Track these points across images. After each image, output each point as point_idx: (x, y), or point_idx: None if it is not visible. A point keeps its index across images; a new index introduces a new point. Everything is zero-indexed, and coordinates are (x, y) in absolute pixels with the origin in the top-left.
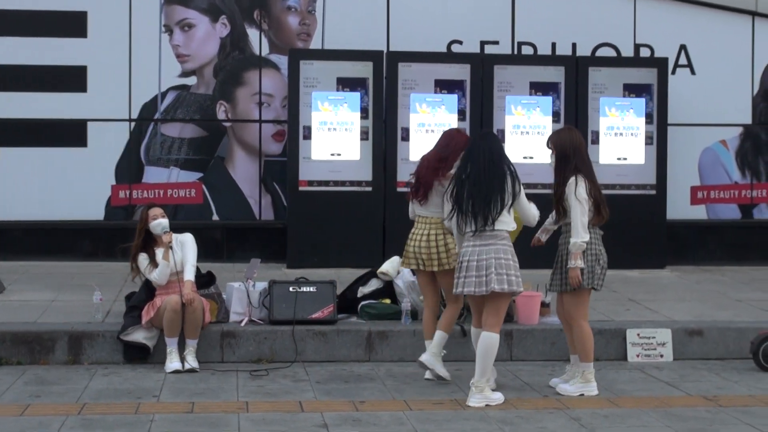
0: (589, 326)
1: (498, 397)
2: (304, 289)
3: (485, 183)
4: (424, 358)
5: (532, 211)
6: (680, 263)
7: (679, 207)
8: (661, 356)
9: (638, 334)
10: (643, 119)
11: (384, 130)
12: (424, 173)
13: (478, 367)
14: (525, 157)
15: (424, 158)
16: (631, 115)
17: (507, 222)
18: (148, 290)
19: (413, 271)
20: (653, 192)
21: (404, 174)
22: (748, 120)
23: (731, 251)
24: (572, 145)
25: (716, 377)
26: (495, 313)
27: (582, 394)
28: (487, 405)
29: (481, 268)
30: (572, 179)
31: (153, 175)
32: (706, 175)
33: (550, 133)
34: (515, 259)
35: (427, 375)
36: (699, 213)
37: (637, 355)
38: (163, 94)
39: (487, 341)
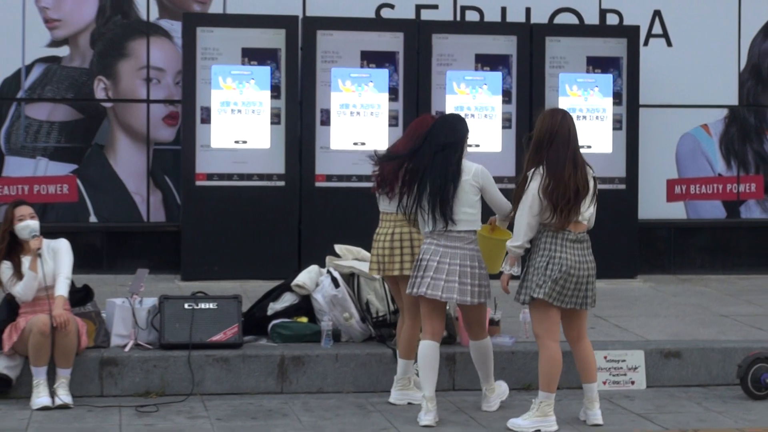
0: (558, 348)
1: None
2: (203, 305)
3: (439, 175)
4: (393, 398)
5: (504, 201)
6: (655, 272)
7: (654, 204)
8: (633, 383)
9: (605, 357)
10: (610, 99)
11: (300, 112)
12: (389, 165)
13: (482, 374)
14: (469, 145)
15: (393, 147)
16: (596, 94)
17: (470, 221)
18: (10, 308)
19: (383, 279)
20: (622, 186)
21: (324, 165)
22: (734, 101)
23: (715, 257)
24: (549, 132)
25: (697, 407)
26: (477, 321)
27: (538, 431)
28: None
29: (442, 271)
30: (530, 172)
31: (15, 167)
32: (685, 166)
33: (499, 115)
34: (483, 265)
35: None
36: (677, 211)
37: (604, 382)
38: (28, 68)
39: (483, 350)
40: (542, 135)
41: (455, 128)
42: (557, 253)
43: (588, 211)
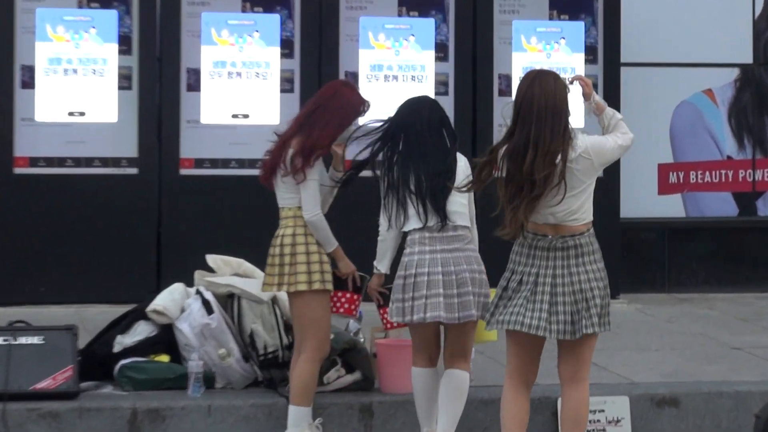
0: (515, 394)
1: None
2: (23, 340)
3: (436, 159)
4: None
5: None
6: (642, 289)
7: (641, 198)
8: None
9: None
10: (581, 56)
11: (159, 73)
12: (279, 141)
13: (445, 417)
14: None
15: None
16: (563, 49)
17: (465, 214)
18: None
19: (274, 303)
20: (599, 174)
21: (193, 145)
22: (748, 58)
23: (723, 269)
24: (515, 106)
25: None
26: (464, 345)
27: None
28: None
29: (450, 284)
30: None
31: None
32: (682, 146)
33: (431, 77)
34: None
35: None
36: (672, 207)
37: None
38: None
39: (460, 383)
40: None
41: (437, 106)
42: (519, 267)
43: (568, 205)
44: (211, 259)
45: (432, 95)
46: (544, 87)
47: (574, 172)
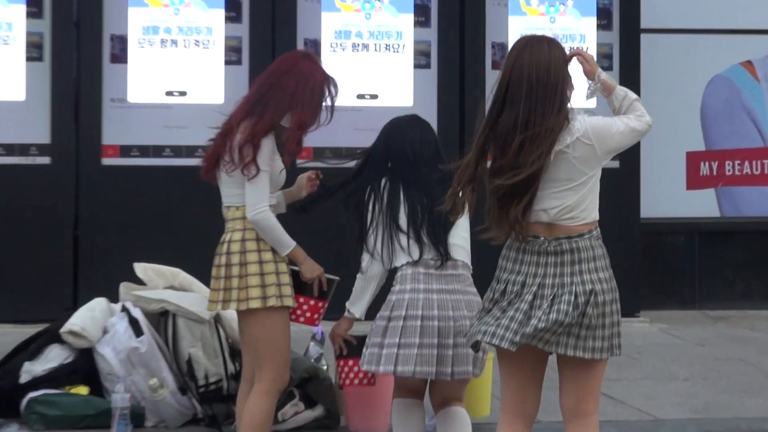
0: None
1: None
2: None
3: (426, 185)
4: None
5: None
6: (668, 305)
7: (665, 195)
8: None
9: None
10: (593, 20)
11: (76, 40)
12: (224, 126)
13: None
14: (361, 96)
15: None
16: (570, 11)
17: (467, 249)
18: None
19: (217, 323)
20: (614, 164)
21: (118, 129)
22: None
23: (766, 280)
24: (500, 80)
25: None
26: (456, 392)
27: None
28: None
29: (447, 332)
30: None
31: None
32: (715, 129)
33: (410, 44)
34: None
35: None
36: (703, 205)
37: None
38: None
39: (462, 418)
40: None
41: (430, 129)
42: (504, 275)
43: (566, 200)
44: (141, 268)
45: (410, 67)
46: (537, 56)
47: (571, 160)
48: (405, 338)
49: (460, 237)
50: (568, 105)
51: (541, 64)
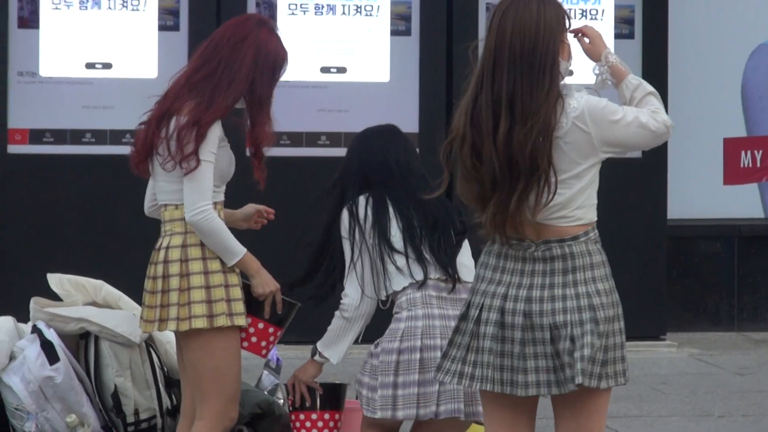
0: None
1: None
2: None
3: (419, 199)
4: None
5: None
6: (700, 326)
7: (698, 191)
8: None
9: None
10: None
11: None
12: (159, 107)
13: None
14: (326, 70)
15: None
16: None
17: (473, 269)
18: None
19: (150, 346)
20: (637, 155)
21: (24, 111)
22: None
23: None
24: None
25: None
26: None
27: None
28: None
29: None
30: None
31: None
32: (759, 112)
33: (387, 6)
34: None
35: None
36: (744, 204)
37: None
38: None
39: None
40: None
41: (411, 144)
42: (482, 285)
43: (552, 199)
44: (56, 280)
45: (386, 34)
46: (523, 19)
47: (562, 146)
48: (424, 374)
49: (467, 257)
50: (562, 80)
51: (527, 28)
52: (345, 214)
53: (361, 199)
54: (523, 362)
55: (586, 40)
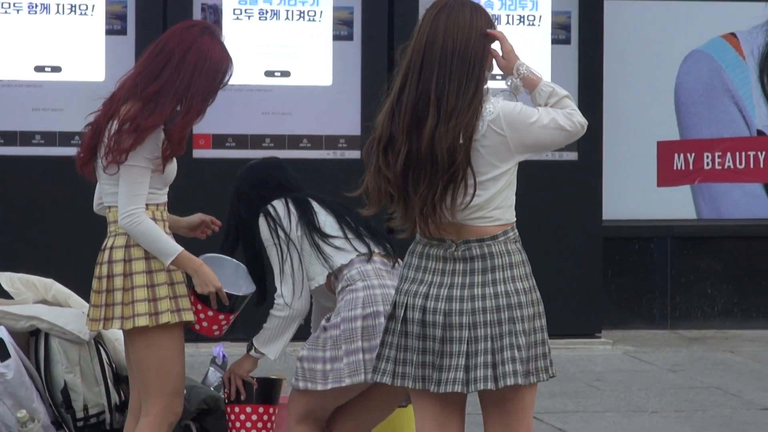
0: None
1: None
2: None
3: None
4: None
5: None
6: (634, 323)
7: (632, 192)
8: None
9: None
10: None
11: None
12: (103, 108)
13: None
14: (270, 74)
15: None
16: None
17: None
18: None
19: (98, 343)
20: (572, 156)
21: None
22: None
23: (751, 294)
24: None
25: None
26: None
27: None
28: None
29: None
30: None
31: None
32: (692, 115)
33: (329, 10)
34: None
35: None
36: (677, 205)
37: None
38: None
39: None
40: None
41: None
42: (406, 285)
43: (470, 201)
44: (6, 278)
45: (329, 39)
46: (457, 20)
47: (479, 150)
48: (365, 342)
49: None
50: (485, 84)
51: (461, 29)
52: (262, 221)
53: (278, 203)
54: (440, 360)
55: (500, 52)
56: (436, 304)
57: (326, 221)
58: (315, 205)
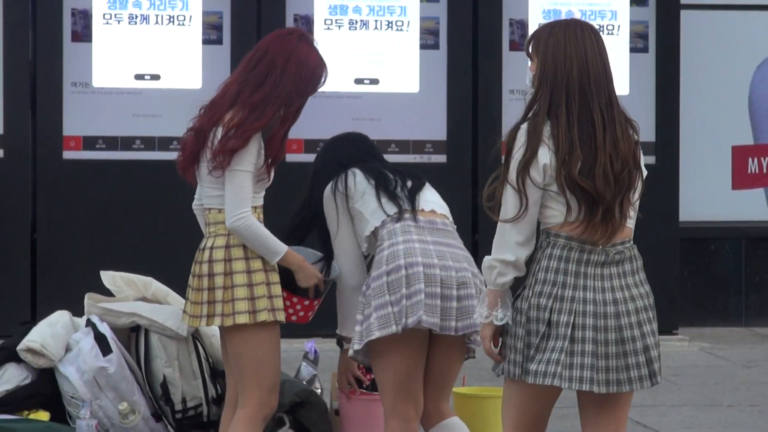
0: None
1: None
2: None
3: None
4: None
5: None
6: (710, 321)
7: (708, 195)
8: None
9: None
10: None
11: (32, 16)
12: (201, 117)
13: None
14: (360, 81)
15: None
16: None
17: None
18: None
19: (196, 339)
20: (650, 160)
21: (82, 119)
22: None
23: None
24: (562, 66)
25: None
26: (453, 379)
27: None
28: None
29: (449, 282)
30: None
31: None
32: (765, 120)
33: (416, 21)
34: None
35: None
36: (751, 207)
37: None
38: None
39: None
40: (549, 71)
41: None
42: (570, 291)
43: (636, 205)
44: (109, 277)
45: (416, 48)
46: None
47: None
48: (410, 288)
49: (438, 196)
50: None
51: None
52: (327, 190)
53: (337, 179)
54: (617, 361)
55: None
56: (613, 308)
57: (365, 190)
58: (363, 174)
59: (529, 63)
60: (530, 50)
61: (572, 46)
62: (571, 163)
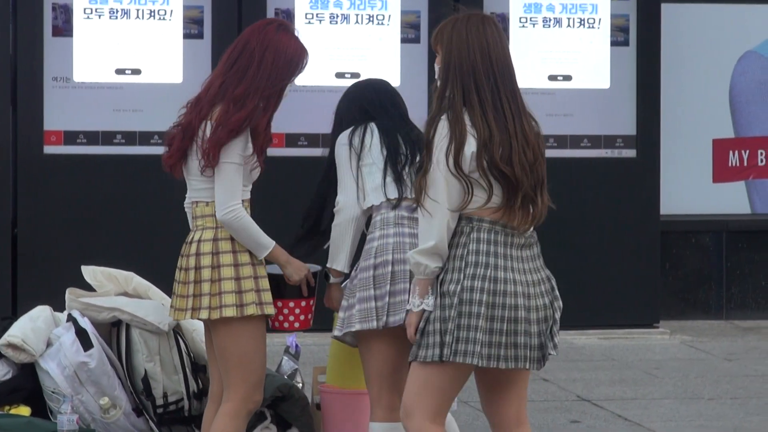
0: None
1: None
2: None
3: (410, 126)
4: None
5: None
6: (691, 314)
7: (689, 189)
8: None
9: None
10: None
11: (13, 10)
12: (188, 113)
13: None
14: (341, 75)
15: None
16: None
17: None
18: None
19: (178, 333)
20: (630, 153)
21: (63, 114)
22: None
23: None
24: (467, 55)
25: None
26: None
27: None
28: None
29: None
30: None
31: None
32: (746, 114)
33: (397, 15)
34: None
35: None
36: (732, 201)
37: None
38: None
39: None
40: (455, 62)
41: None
42: (502, 273)
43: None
44: (90, 272)
45: (397, 42)
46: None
47: None
48: (394, 285)
49: None
50: None
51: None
52: (343, 137)
53: (355, 129)
54: (511, 340)
55: None
56: (530, 289)
57: (378, 156)
58: (380, 137)
59: (437, 57)
60: (435, 44)
61: (474, 36)
62: (492, 149)
